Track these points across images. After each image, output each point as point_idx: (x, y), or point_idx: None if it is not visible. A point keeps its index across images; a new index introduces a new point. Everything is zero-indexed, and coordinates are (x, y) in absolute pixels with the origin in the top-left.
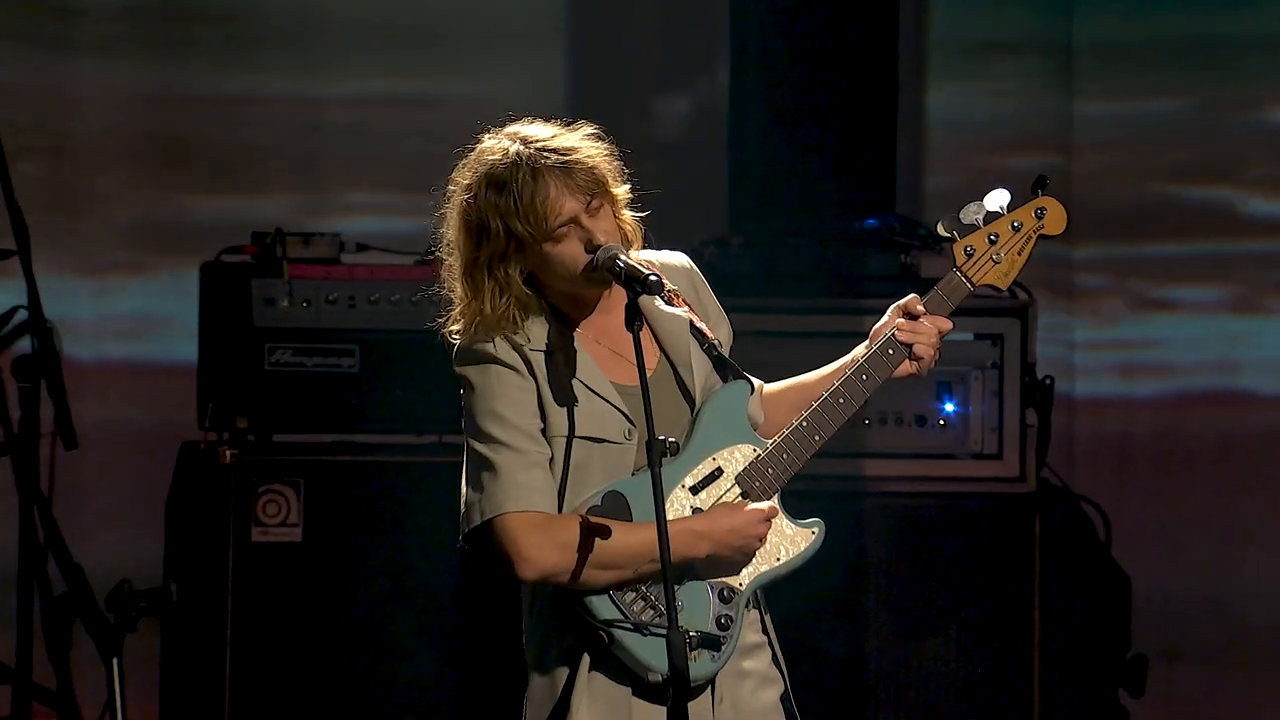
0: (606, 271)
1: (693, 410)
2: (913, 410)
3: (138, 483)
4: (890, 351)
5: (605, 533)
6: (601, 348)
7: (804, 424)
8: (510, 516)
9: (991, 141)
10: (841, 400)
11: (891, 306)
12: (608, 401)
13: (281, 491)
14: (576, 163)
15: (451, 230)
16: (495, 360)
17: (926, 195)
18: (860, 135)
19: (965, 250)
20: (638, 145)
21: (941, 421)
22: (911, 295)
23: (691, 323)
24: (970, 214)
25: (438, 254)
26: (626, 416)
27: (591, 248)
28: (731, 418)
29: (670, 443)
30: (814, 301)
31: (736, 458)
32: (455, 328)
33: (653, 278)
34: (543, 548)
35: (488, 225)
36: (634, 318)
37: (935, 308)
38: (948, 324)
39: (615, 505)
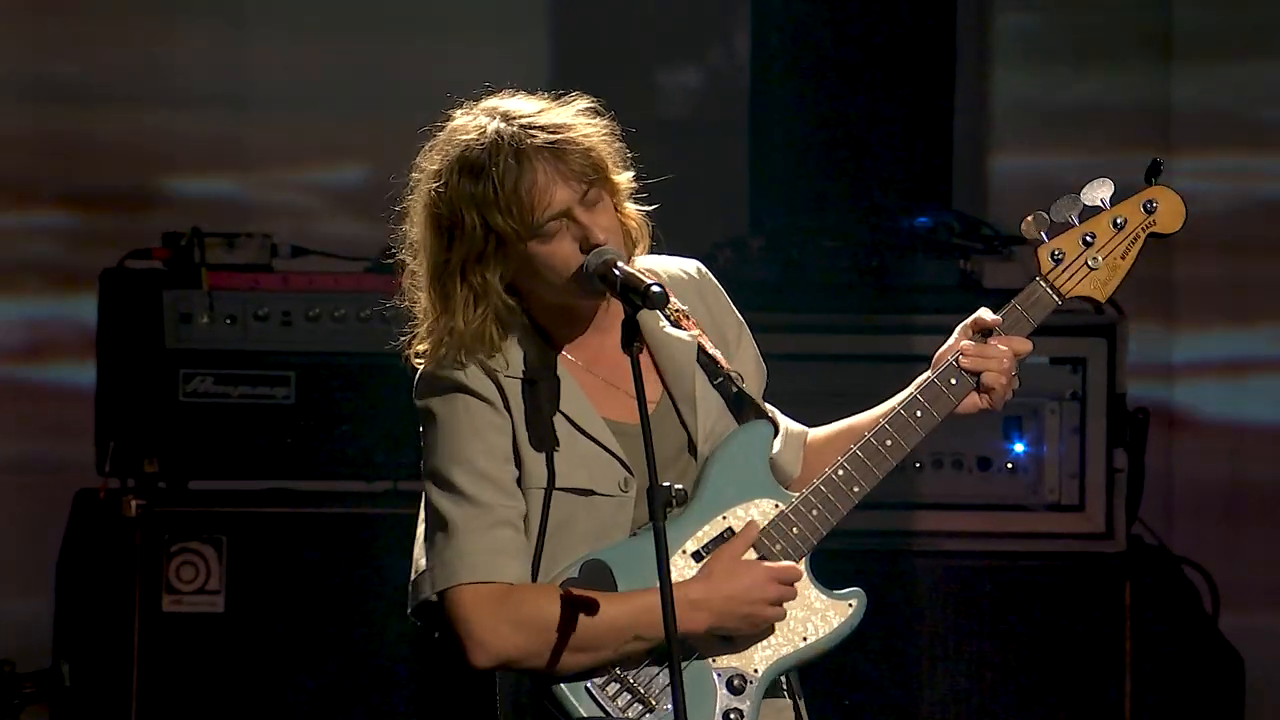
0: (598, 279)
1: (695, 459)
2: (974, 451)
3: (22, 539)
4: (953, 381)
5: (582, 607)
6: (594, 377)
7: (840, 473)
8: (463, 590)
9: (1073, 121)
10: (889, 443)
11: (960, 325)
12: (599, 444)
13: (199, 552)
14: (569, 143)
15: (416, 227)
16: (464, 389)
17: (992, 187)
18: (911, 115)
19: (1053, 255)
20: (637, 127)
21: (1009, 465)
22: (983, 310)
23: (701, 348)
24: (1063, 210)
25: (397, 258)
26: (623, 463)
27: (587, 247)
28: (748, 467)
29: (677, 490)
30: (852, 318)
31: (753, 516)
32: (420, 348)
33: (654, 288)
34: (499, 628)
35: (461, 220)
36: (632, 337)
37: (1012, 326)
38: (1027, 345)
39: (596, 578)
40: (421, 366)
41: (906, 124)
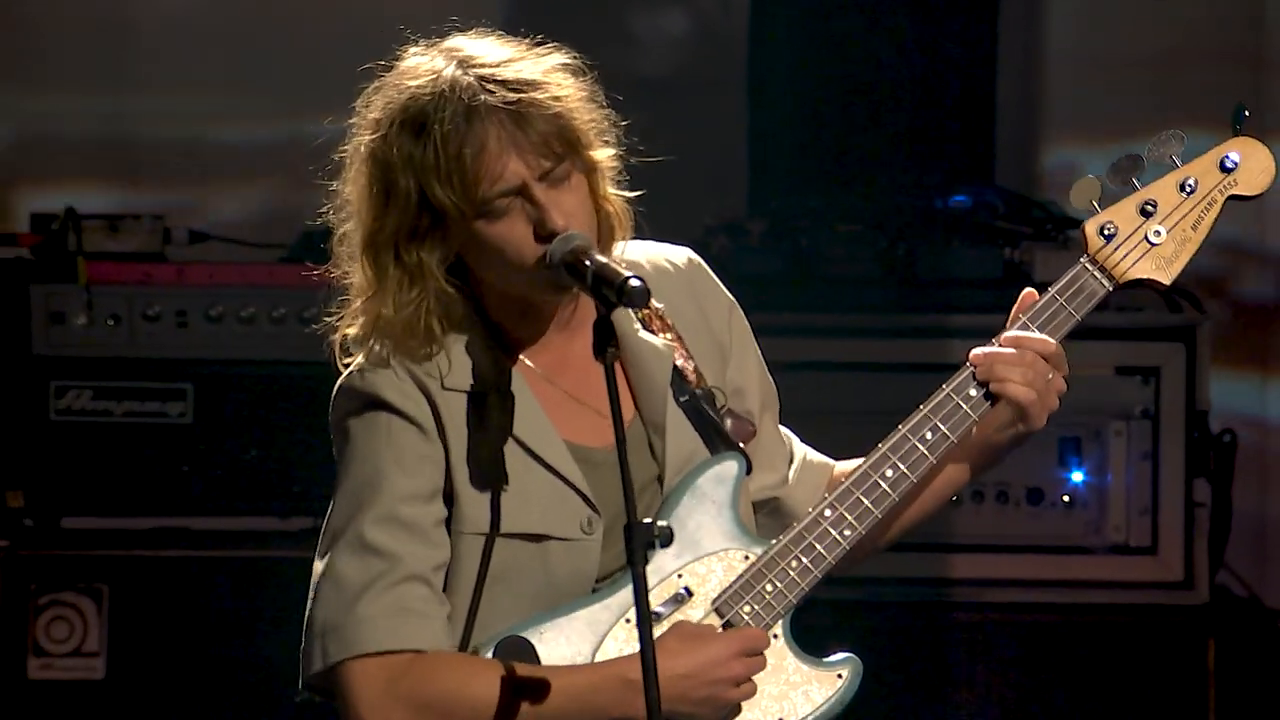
0: (566, 271)
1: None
2: (1022, 481)
3: None
4: (971, 393)
5: (507, 686)
6: (556, 390)
7: (827, 513)
8: (355, 664)
9: (1142, 78)
10: (890, 474)
11: (1013, 316)
12: (558, 475)
13: (74, 605)
14: (534, 105)
15: (350, 184)
16: (387, 406)
17: (1045, 157)
18: (944, 67)
19: (1102, 229)
20: (611, 86)
21: (1066, 498)
22: (1030, 291)
23: (682, 368)
24: (1121, 172)
25: (328, 225)
26: (586, 499)
27: (544, 232)
28: (713, 511)
29: (661, 528)
30: (874, 320)
31: (715, 572)
32: (351, 331)
33: (634, 282)
34: (393, 712)
35: (395, 184)
36: (606, 341)
37: (1049, 322)
38: (1048, 345)
39: (516, 657)
40: (346, 370)
41: (939, 79)
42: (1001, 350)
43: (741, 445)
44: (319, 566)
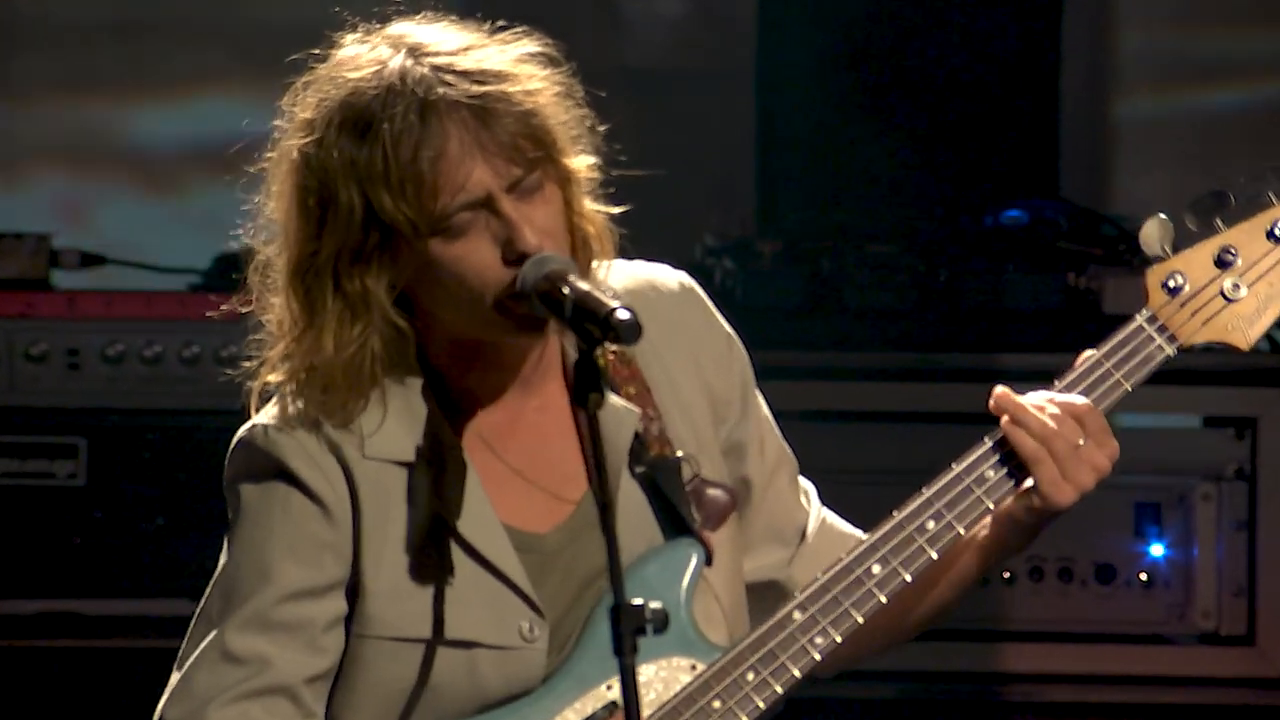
0: (540, 301)
1: None
2: (1091, 555)
3: None
4: (987, 474)
5: None
6: (499, 462)
7: (796, 615)
8: None
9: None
10: (877, 570)
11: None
12: (495, 571)
13: None
14: (503, 101)
15: (275, 199)
16: (289, 476)
17: (1117, 164)
18: (995, 59)
19: (1167, 282)
20: (593, 78)
21: (1144, 576)
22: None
23: (643, 432)
24: (1201, 212)
25: (246, 242)
26: (528, 600)
27: (513, 254)
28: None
29: (654, 611)
30: (910, 360)
31: (654, 685)
32: (273, 379)
33: (622, 314)
34: None
35: (335, 196)
36: (589, 385)
37: (1091, 388)
38: (1082, 405)
39: None
40: (251, 421)
41: (990, 69)
42: (1032, 414)
43: (707, 531)
44: (181, 652)
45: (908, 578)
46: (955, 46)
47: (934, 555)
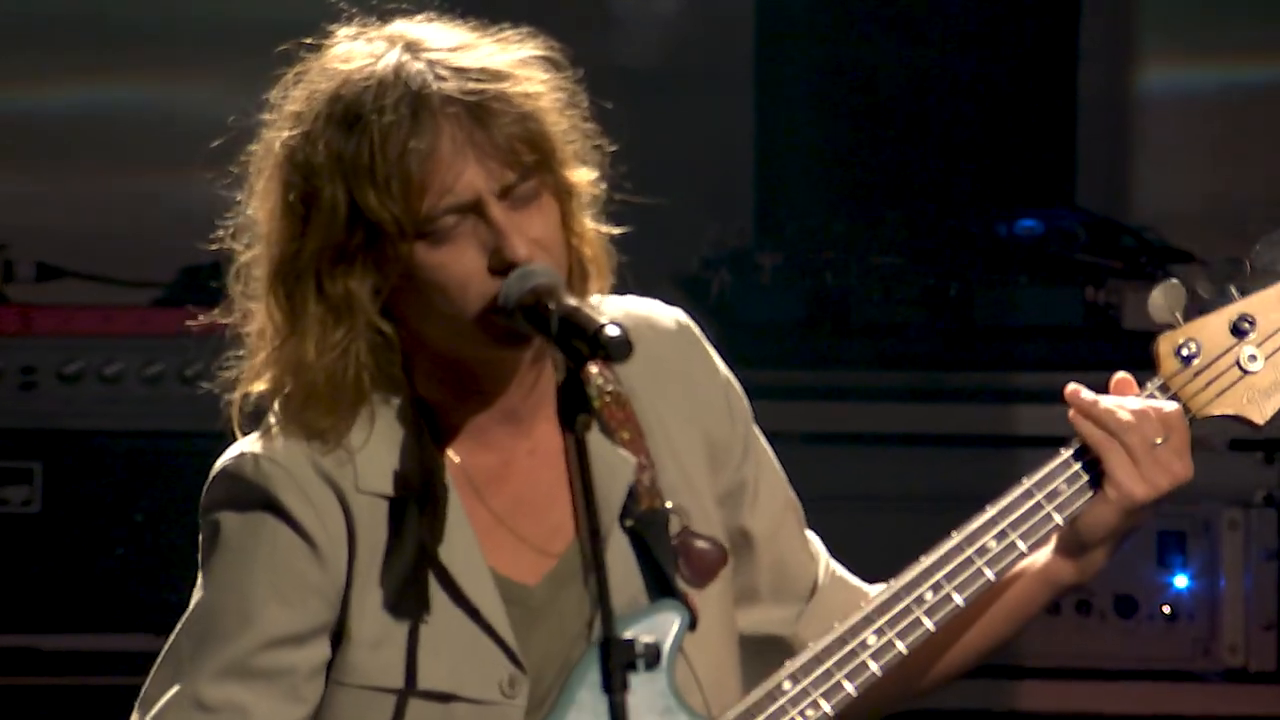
0: (523, 316)
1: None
2: (1111, 586)
3: None
4: (1062, 490)
5: None
6: (485, 507)
7: (784, 685)
8: None
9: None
10: (873, 640)
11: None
12: (479, 620)
13: None
14: (501, 101)
15: (258, 197)
16: (276, 509)
17: (1138, 171)
18: (1010, 61)
19: (1180, 350)
20: (583, 81)
21: (1167, 609)
22: (1121, 377)
23: (634, 476)
24: (1216, 280)
25: (222, 257)
26: (511, 654)
27: (500, 264)
28: (641, 675)
29: (647, 645)
30: (919, 378)
31: None
32: (256, 388)
33: (611, 331)
34: None
35: (318, 192)
36: (577, 406)
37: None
38: (1166, 407)
39: None
40: (236, 447)
41: (1004, 72)
42: (1116, 412)
43: (693, 588)
44: (145, 692)
45: (904, 649)
46: (968, 48)
47: (931, 628)
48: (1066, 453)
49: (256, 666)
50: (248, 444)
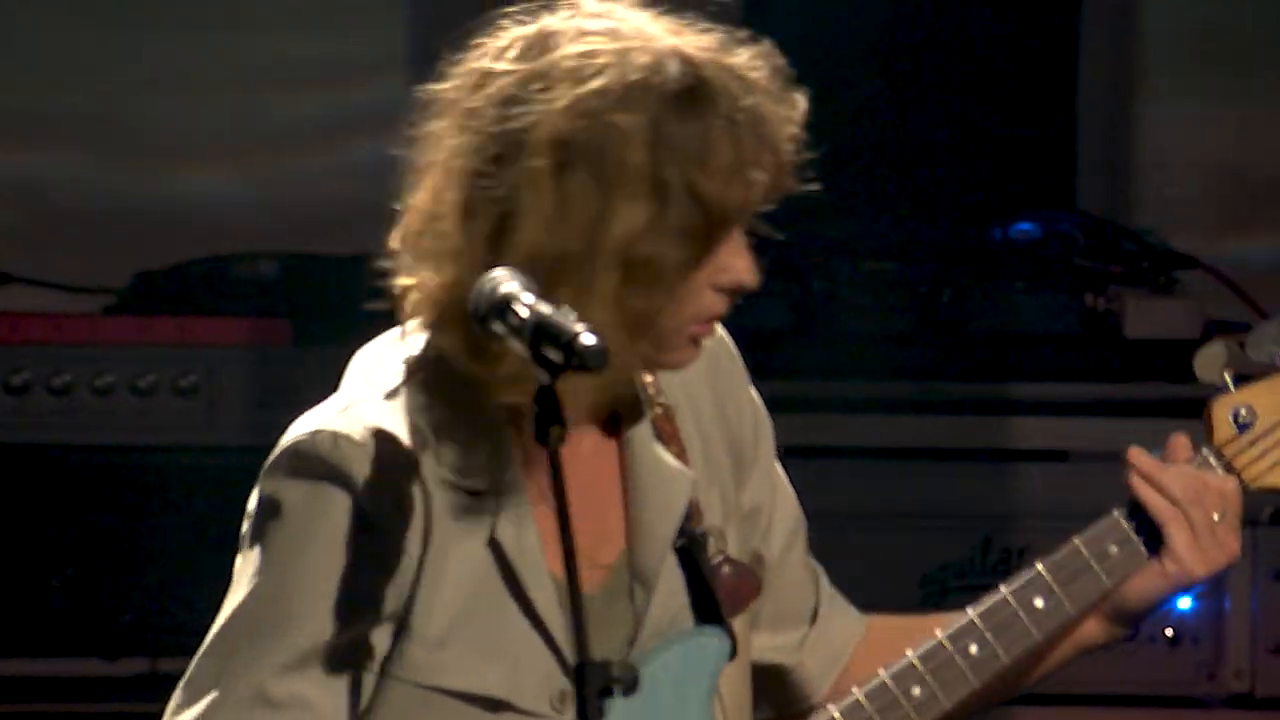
0: (495, 318)
1: None
2: None
3: None
4: (1113, 552)
5: None
6: (544, 505)
7: (860, 704)
8: None
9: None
10: (977, 649)
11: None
12: (539, 624)
13: None
14: (792, 125)
15: (537, 158)
16: (349, 486)
17: (1139, 172)
18: (1006, 53)
19: (1236, 415)
20: None
21: (1169, 631)
22: (1178, 438)
23: (693, 501)
24: (1265, 342)
25: (425, 161)
26: (566, 667)
27: (731, 286)
28: (682, 701)
29: (626, 665)
30: (909, 388)
31: None
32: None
33: (586, 339)
34: None
35: (664, 176)
36: (549, 419)
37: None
38: (1228, 484)
39: None
40: (311, 421)
41: (999, 65)
42: (1176, 476)
43: (732, 615)
44: (190, 680)
45: (1006, 660)
46: (961, 43)
47: (1039, 637)
48: (1119, 514)
49: (323, 660)
50: (326, 419)
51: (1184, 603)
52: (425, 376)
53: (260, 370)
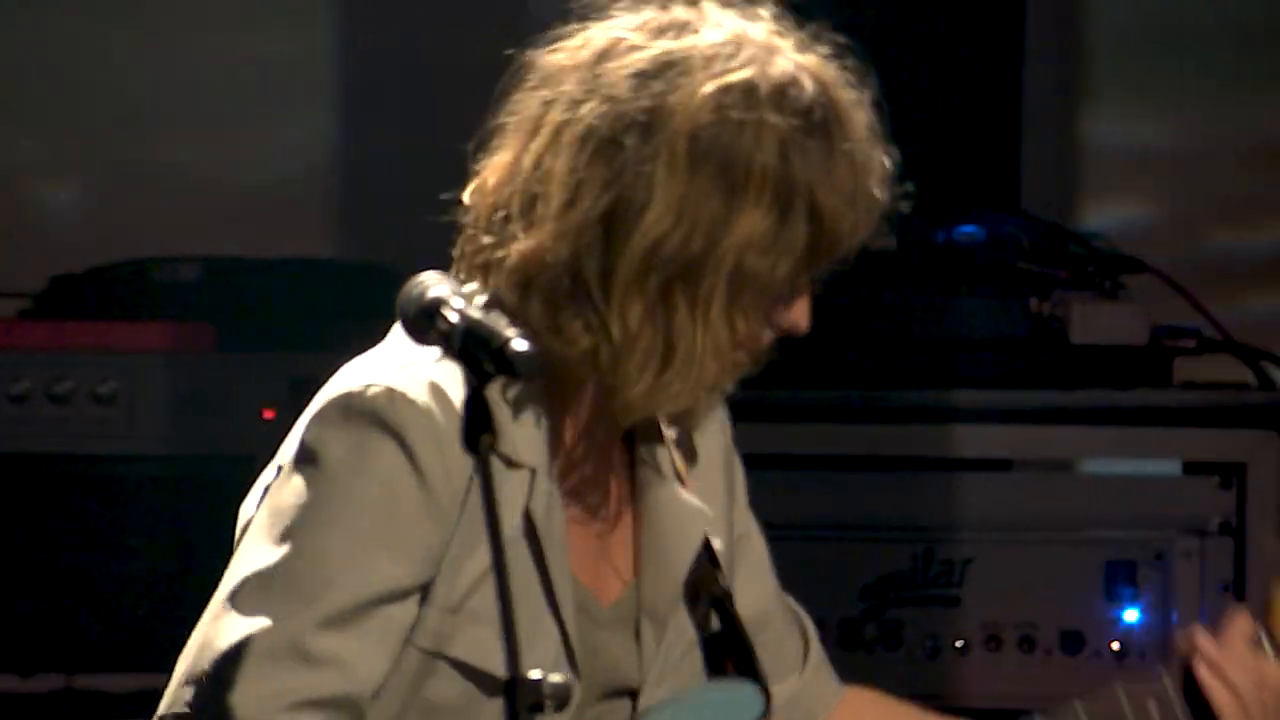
0: (424, 319)
1: (634, 715)
2: (1056, 621)
3: None
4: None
5: None
6: (574, 502)
7: None
8: None
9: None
10: None
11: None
12: (554, 612)
13: None
14: (888, 174)
15: (671, 154)
16: (400, 441)
17: (1086, 171)
18: (945, 49)
19: None
20: (501, 72)
21: (1116, 645)
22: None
23: (706, 535)
24: None
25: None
26: (574, 665)
27: (787, 329)
28: None
29: (555, 686)
30: (847, 395)
31: None
32: (521, 247)
33: (518, 345)
34: None
35: (792, 188)
36: (480, 427)
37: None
38: (1276, 675)
39: None
40: (366, 379)
41: (938, 61)
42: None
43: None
44: (237, 599)
45: None
46: (902, 43)
47: None
48: (1169, 684)
49: (363, 619)
50: (381, 374)
51: (1131, 615)
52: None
53: (182, 376)
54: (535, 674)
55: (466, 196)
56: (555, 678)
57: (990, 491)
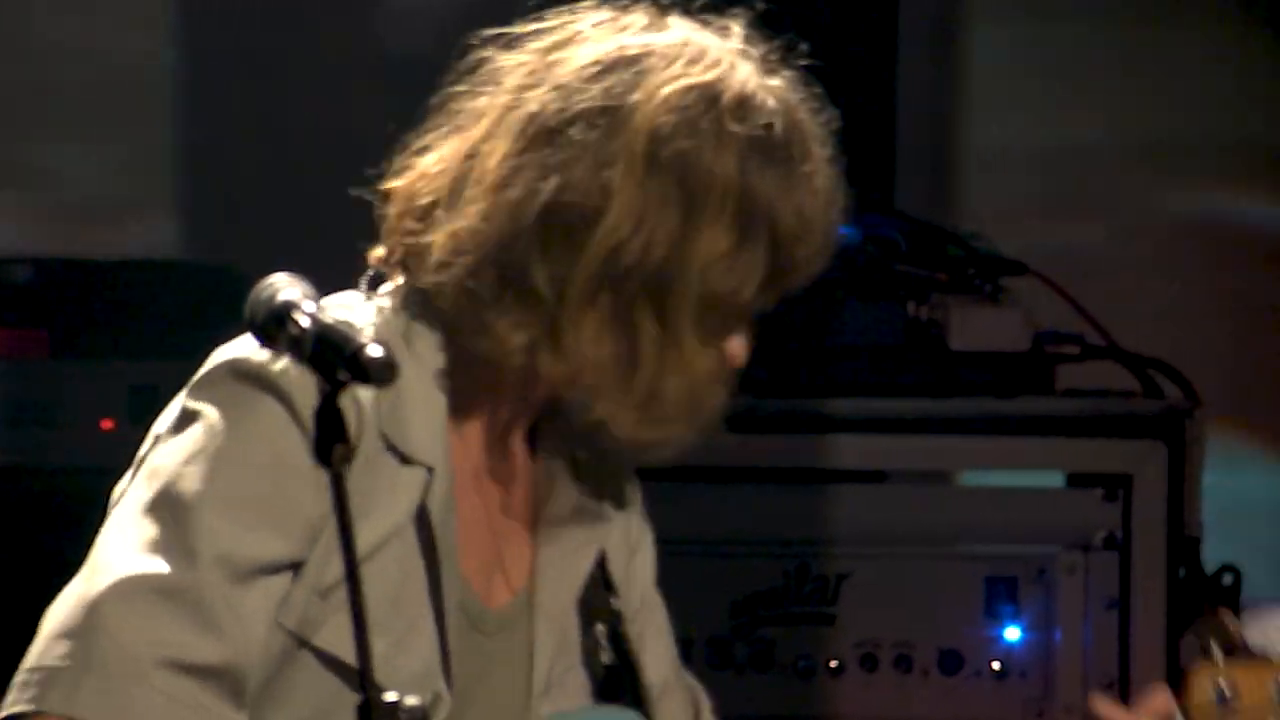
0: (272, 324)
1: None
2: (931, 641)
3: None
4: None
5: None
6: (465, 501)
7: None
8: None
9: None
10: None
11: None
12: (437, 613)
13: None
14: (840, 209)
15: (626, 170)
16: (285, 402)
17: (964, 172)
18: (818, 48)
19: (1218, 689)
20: (353, 79)
21: (996, 665)
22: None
23: (604, 552)
24: (1268, 627)
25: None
26: (447, 672)
27: (731, 360)
28: None
29: (411, 709)
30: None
31: None
32: (438, 279)
33: (373, 351)
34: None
35: (753, 205)
36: (333, 437)
37: None
38: None
39: None
40: (241, 350)
41: (810, 51)
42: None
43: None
44: (82, 586)
45: None
46: (773, 33)
47: None
48: None
49: (247, 582)
50: (258, 352)
51: (1011, 634)
52: (391, 332)
53: (14, 384)
54: (391, 696)
55: (392, 184)
56: (411, 700)
57: (866, 504)
